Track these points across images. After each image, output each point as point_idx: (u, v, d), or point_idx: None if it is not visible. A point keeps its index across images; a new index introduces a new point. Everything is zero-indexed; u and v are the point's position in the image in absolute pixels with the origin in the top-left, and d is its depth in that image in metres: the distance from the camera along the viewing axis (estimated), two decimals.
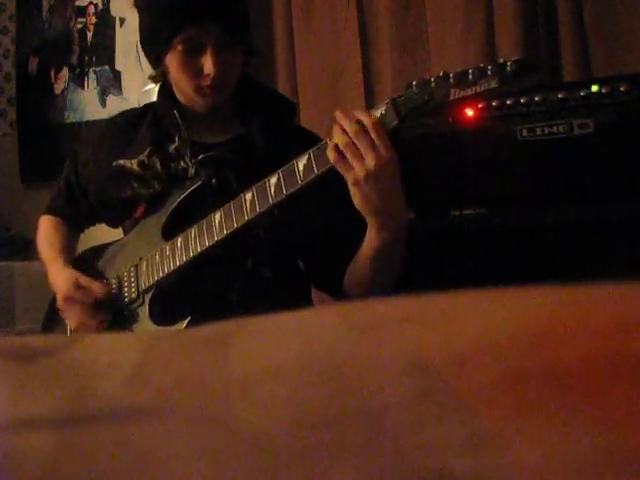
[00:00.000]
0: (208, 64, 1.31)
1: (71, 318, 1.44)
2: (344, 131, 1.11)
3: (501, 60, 1.05)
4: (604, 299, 0.41)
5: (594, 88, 1.38)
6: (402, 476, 0.33)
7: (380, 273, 1.27)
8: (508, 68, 1.03)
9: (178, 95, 1.46)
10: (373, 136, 1.09)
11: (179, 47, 1.32)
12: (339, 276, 1.35)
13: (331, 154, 1.12)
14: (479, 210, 1.59)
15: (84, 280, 1.42)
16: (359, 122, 1.11)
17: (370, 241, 1.23)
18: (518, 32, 2.00)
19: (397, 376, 0.38)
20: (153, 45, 1.39)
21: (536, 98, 1.43)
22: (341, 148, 1.11)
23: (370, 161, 1.09)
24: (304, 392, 0.39)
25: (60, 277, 1.47)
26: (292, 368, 0.41)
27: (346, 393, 0.38)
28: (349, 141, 1.10)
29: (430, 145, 1.55)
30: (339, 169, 1.12)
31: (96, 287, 1.42)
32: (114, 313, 1.43)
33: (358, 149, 1.10)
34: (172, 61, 1.35)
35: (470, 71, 1.05)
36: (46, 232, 1.63)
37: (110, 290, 1.44)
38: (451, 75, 1.07)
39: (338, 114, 1.13)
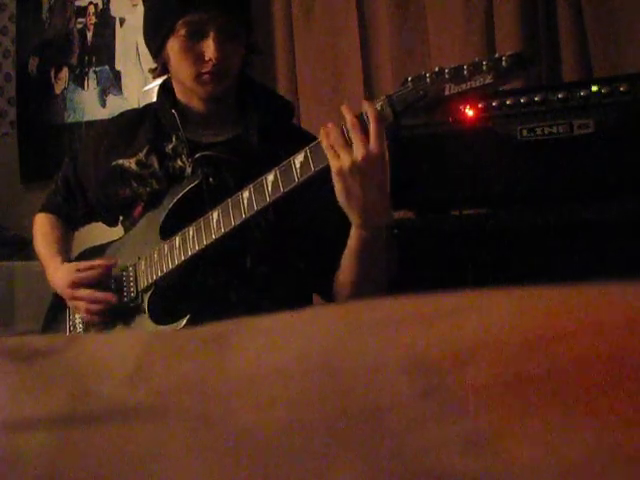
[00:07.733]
0: (210, 49, 1.33)
1: (78, 305, 1.44)
2: (343, 120, 1.13)
3: (497, 55, 1.04)
4: (604, 299, 0.41)
5: (594, 88, 1.38)
6: (402, 476, 0.33)
7: (363, 275, 1.27)
8: (503, 63, 1.02)
9: (178, 94, 1.48)
10: (370, 129, 1.10)
11: (182, 31, 1.34)
12: (328, 279, 1.35)
13: (324, 139, 1.13)
14: (479, 210, 1.60)
15: (83, 264, 1.46)
16: (360, 116, 1.12)
17: (350, 240, 1.23)
18: (518, 32, 2.00)
19: (397, 376, 0.38)
20: (157, 30, 1.40)
21: (536, 98, 1.43)
22: (331, 134, 1.13)
23: (358, 153, 1.10)
24: (304, 392, 0.39)
25: (59, 273, 1.48)
26: (292, 368, 0.41)
27: (346, 393, 0.38)
28: (341, 130, 1.12)
29: (430, 145, 1.55)
30: (328, 155, 1.13)
31: (97, 263, 1.45)
32: (113, 313, 1.43)
33: (346, 139, 1.11)
34: (174, 47, 1.37)
35: (465, 66, 1.04)
36: (43, 230, 1.63)
37: (111, 263, 1.46)
38: (446, 70, 1.06)
39: (344, 107, 1.15)
